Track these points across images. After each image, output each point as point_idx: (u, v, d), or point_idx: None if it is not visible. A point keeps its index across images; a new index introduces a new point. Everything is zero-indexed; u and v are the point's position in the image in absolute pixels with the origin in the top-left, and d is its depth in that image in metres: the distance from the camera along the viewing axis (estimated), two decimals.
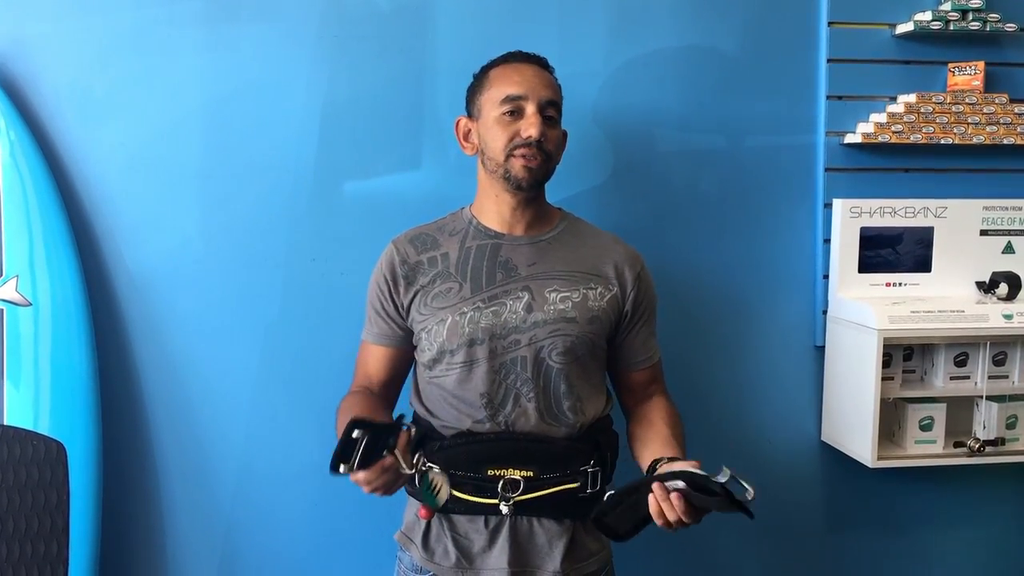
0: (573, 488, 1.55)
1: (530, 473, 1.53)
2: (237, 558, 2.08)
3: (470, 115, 1.64)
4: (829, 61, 2.07)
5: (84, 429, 1.89)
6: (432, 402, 1.61)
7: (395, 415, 1.48)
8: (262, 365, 2.02)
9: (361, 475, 1.32)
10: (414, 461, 1.42)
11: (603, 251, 1.66)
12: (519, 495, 1.53)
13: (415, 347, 1.65)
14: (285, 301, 2.02)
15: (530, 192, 1.59)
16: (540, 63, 1.63)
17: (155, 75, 1.93)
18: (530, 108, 1.54)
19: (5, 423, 1.86)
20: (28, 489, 1.86)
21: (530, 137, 1.53)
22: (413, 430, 1.40)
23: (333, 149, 1.99)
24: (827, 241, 2.12)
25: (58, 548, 1.87)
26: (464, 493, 1.54)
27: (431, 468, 1.51)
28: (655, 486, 1.37)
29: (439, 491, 1.52)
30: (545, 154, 1.56)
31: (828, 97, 2.08)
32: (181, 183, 1.96)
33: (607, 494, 1.42)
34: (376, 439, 1.31)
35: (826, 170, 2.10)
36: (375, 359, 1.69)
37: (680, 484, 1.35)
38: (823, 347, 2.15)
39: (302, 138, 1.98)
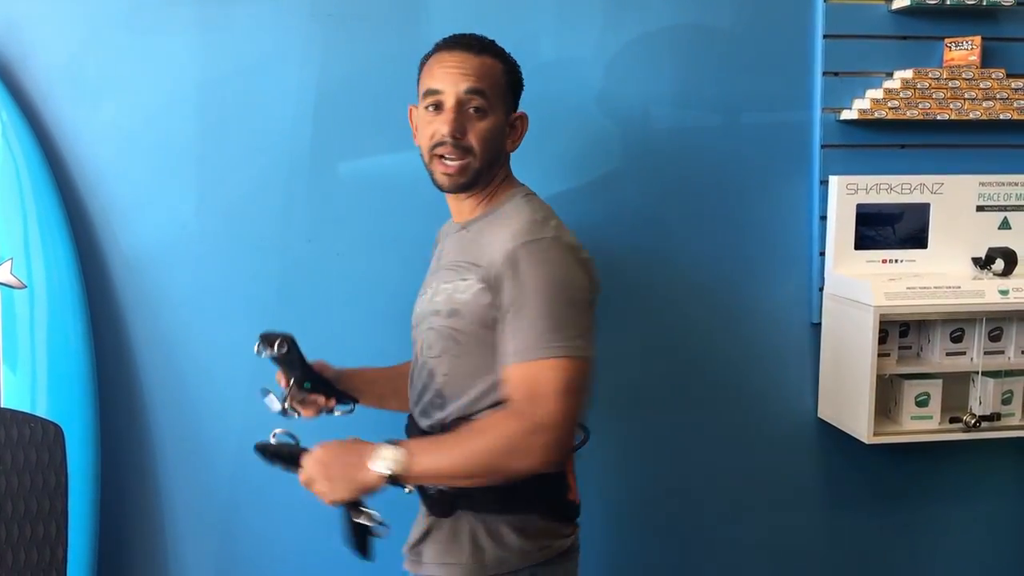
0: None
1: None
2: (236, 539, 2.08)
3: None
4: (825, 37, 2.06)
5: (81, 411, 1.89)
6: None
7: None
8: None
9: None
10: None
11: (494, 238, 1.45)
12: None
13: None
14: (281, 282, 2.01)
15: (457, 193, 1.53)
16: (472, 47, 1.49)
17: (149, 55, 1.92)
18: (448, 103, 1.46)
19: (2, 406, 1.86)
20: (26, 471, 1.86)
21: (443, 136, 1.45)
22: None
23: (328, 129, 1.98)
24: (823, 218, 2.11)
25: (57, 529, 1.87)
26: None
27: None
28: None
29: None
30: (466, 150, 1.46)
31: (824, 73, 2.08)
32: (176, 163, 1.95)
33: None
34: (300, 364, 1.62)
35: (822, 147, 2.10)
36: None
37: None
38: (819, 324, 2.15)
39: (297, 118, 1.97)
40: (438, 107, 1.47)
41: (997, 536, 2.34)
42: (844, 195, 2.07)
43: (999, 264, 2.06)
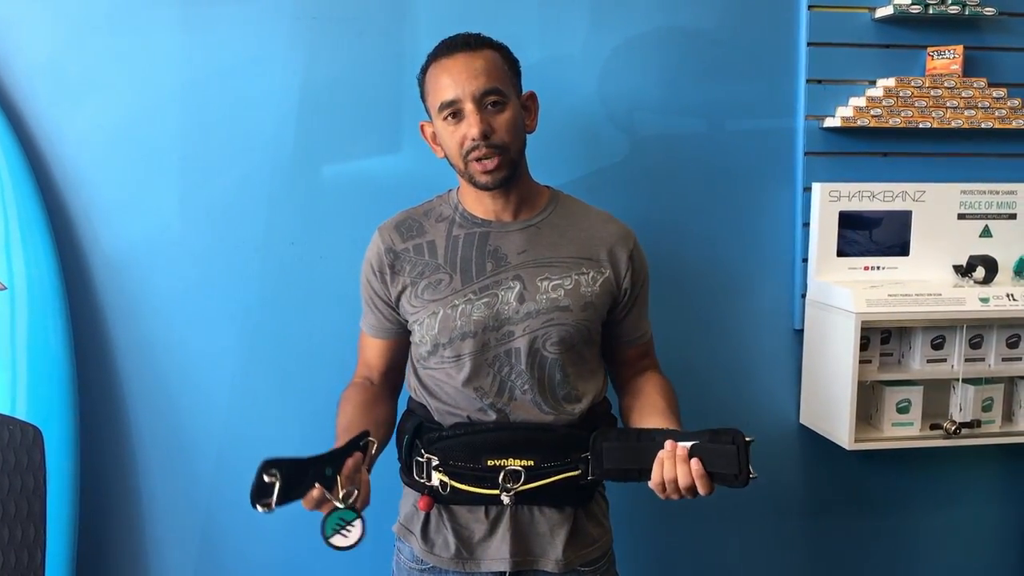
0: (574, 476, 1.53)
1: (531, 462, 1.51)
2: (216, 542, 2.07)
3: (430, 117, 1.59)
4: (809, 45, 2.07)
5: (61, 414, 1.87)
6: (431, 389, 1.59)
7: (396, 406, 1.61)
8: (241, 349, 2.01)
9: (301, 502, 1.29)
10: (343, 495, 1.30)
11: (594, 232, 1.61)
12: (520, 485, 1.51)
13: (411, 334, 1.62)
14: (264, 285, 2.01)
15: (500, 188, 1.54)
16: (469, 45, 1.52)
17: (131, 55, 1.91)
18: (467, 107, 1.48)
19: None
20: (4, 474, 1.85)
21: (474, 139, 1.47)
22: (373, 448, 1.40)
23: (312, 132, 1.98)
24: (806, 225, 2.12)
25: (35, 532, 1.86)
26: (464, 484, 1.52)
27: (356, 511, 1.34)
28: (668, 443, 1.38)
29: (343, 532, 1.35)
30: (499, 147, 1.49)
31: (808, 81, 2.08)
32: (158, 165, 1.95)
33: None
34: (302, 472, 1.26)
35: (805, 154, 2.10)
36: (372, 350, 1.67)
37: (689, 443, 1.36)
38: (802, 330, 2.16)
39: (280, 120, 1.97)
40: (457, 115, 1.49)
41: (977, 542, 2.36)
42: (827, 202, 2.08)
43: (980, 272, 2.07)
